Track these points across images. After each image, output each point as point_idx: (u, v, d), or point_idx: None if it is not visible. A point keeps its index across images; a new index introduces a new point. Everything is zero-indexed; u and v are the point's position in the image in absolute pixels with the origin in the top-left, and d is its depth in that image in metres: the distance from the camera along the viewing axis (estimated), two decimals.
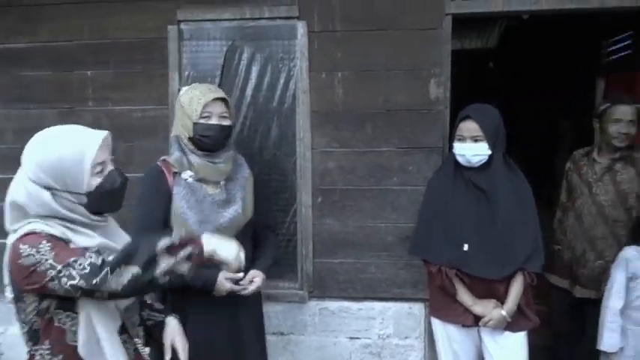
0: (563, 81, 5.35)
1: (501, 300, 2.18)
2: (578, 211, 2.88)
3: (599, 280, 2.68)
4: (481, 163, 2.17)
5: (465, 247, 2.17)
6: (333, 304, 2.78)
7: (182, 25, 2.73)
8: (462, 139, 2.18)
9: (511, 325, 2.18)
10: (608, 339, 2.39)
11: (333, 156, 2.72)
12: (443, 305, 2.28)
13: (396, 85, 2.65)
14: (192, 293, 1.98)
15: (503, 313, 2.14)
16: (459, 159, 2.20)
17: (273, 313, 2.75)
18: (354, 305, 2.77)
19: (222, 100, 2.06)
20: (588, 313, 2.76)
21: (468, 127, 2.17)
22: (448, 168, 2.31)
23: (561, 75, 5.49)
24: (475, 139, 2.15)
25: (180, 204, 2.00)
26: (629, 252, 2.43)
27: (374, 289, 2.75)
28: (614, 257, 2.55)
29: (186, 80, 2.72)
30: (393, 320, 2.76)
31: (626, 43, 3.68)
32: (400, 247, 2.68)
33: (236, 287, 2.03)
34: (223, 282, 2.00)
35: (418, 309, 2.74)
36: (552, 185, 3.30)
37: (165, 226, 2.00)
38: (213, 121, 2.02)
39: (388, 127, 2.67)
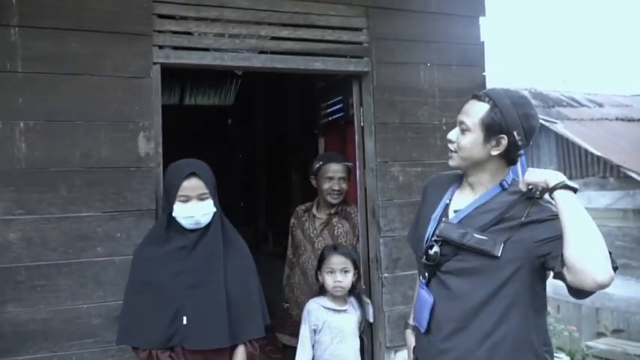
0: (295, 138, 5.65)
1: None
2: (303, 266, 2.91)
3: None
4: (207, 223, 1.98)
5: (184, 319, 1.93)
6: None
7: None
8: (187, 200, 1.94)
9: None
10: None
11: (15, 225, 2.18)
12: None
13: (97, 138, 2.29)
14: None
15: None
16: (185, 222, 1.96)
17: None
18: None
19: None
20: None
21: (194, 185, 1.95)
22: (158, 233, 2.03)
23: (293, 132, 5.79)
24: (201, 198, 1.95)
25: None
26: (311, 304, 2.47)
27: None
28: None
29: None
30: None
31: (338, 106, 3.99)
32: (110, 329, 2.25)
33: None
34: None
35: None
36: None
37: None
38: None
39: (88, 187, 2.27)
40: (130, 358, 2.25)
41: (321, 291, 2.49)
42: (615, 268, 1.45)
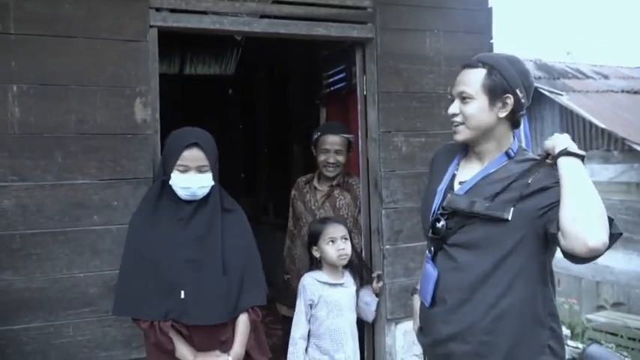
0: (297, 108, 5.57)
1: (230, 344, 1.98)
2: (304, 238, 2.86)
3: None
4: (204, 195, 1.94)
5: (182, 293, 1.89)
6: None
7: None
8: (186, 170, 1.89)
9: None
10: None
11: (8, 192, 2.13)
12: None
13: (93, 103, 2.22)
14: None
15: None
16: (181, 192, 1.91)
17: None
18: None
19: None
20: None
21: (195, 155, 1.90)
22: (149, 202, 1.99)
23: (294, 102, 5.71)
24: (200, 170, 1.90)
25: None
26: (306, 279, 2.42)
27: (74, 357, 2.22)
28: None
29: None
30: None
31: (341, 76, 3.90)
32: (106, 299, 2.22)
33: None
34: None
35: None
36: None
37: None
38: None
39: (84, 154, 2.22)
40: (128, 328, 2.25)
41: (316, 265, 2.44)
42: (619, 235, 1.42)
